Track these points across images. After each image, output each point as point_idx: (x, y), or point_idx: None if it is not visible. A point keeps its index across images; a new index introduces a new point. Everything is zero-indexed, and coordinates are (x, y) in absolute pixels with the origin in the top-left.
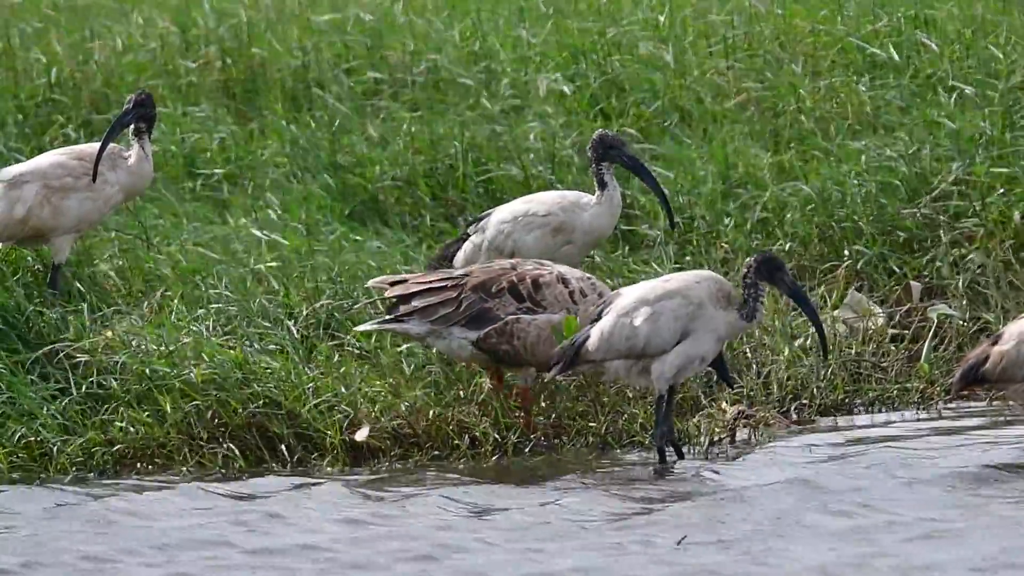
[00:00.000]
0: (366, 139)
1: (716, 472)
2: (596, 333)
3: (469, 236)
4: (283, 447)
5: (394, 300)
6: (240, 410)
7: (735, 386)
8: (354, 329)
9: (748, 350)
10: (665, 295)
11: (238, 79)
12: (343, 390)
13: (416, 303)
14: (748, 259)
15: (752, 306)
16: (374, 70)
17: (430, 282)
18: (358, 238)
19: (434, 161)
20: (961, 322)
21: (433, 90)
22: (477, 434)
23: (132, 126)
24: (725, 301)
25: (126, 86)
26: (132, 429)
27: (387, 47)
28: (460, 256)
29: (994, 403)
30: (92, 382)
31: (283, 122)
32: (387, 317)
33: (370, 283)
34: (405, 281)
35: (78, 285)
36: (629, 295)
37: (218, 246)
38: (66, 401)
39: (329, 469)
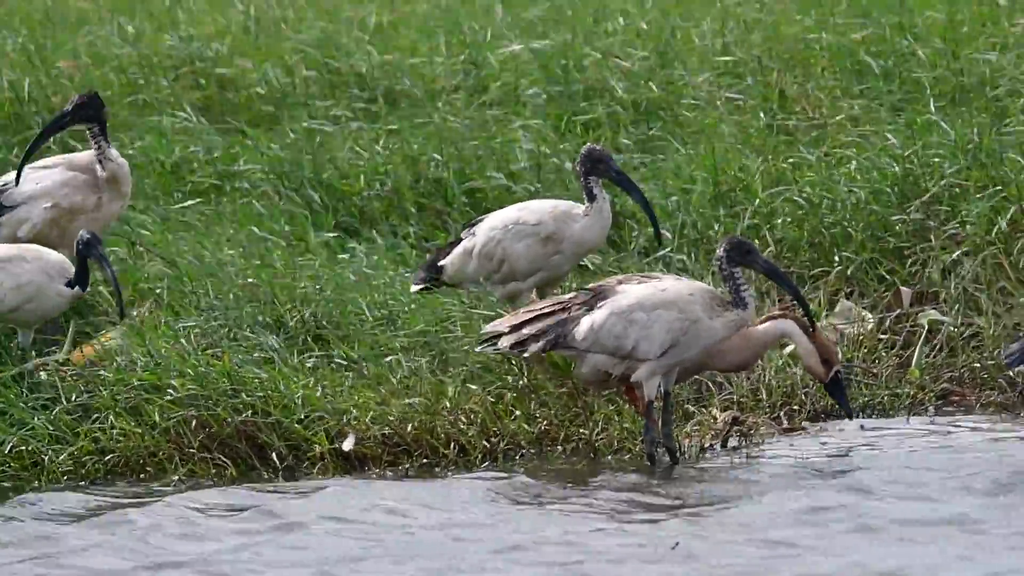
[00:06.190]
0: (350, 151)
1: (707, 478)
2: (586, 323)
3: (461, 240)
4: (273, 455)
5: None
6: (229, 420)
7: (725, 392)
8: (473, 351)
9: None
10: (662, 304)
11: (212, 96)
12: (330, 398)
13: (527, 330)
14: (717, 250)
15: (739, 295)
16: (355, 84)
17: (539, 309)
18: (351, 246)
19: (416, 173)
20: (952, 328)
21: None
22: (464, 442)
23: (89, 131)
24: (719, 306)
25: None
26: (123, 438)
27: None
28: (450, 259)
29: (985, 410)
30: (81, 392)
31: (259, 138)
32: (500, 346)
33: (487, 328)
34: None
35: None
36: (627, 295)
37: (206, 256)
38: (56, 411)
39: (319, 477)
